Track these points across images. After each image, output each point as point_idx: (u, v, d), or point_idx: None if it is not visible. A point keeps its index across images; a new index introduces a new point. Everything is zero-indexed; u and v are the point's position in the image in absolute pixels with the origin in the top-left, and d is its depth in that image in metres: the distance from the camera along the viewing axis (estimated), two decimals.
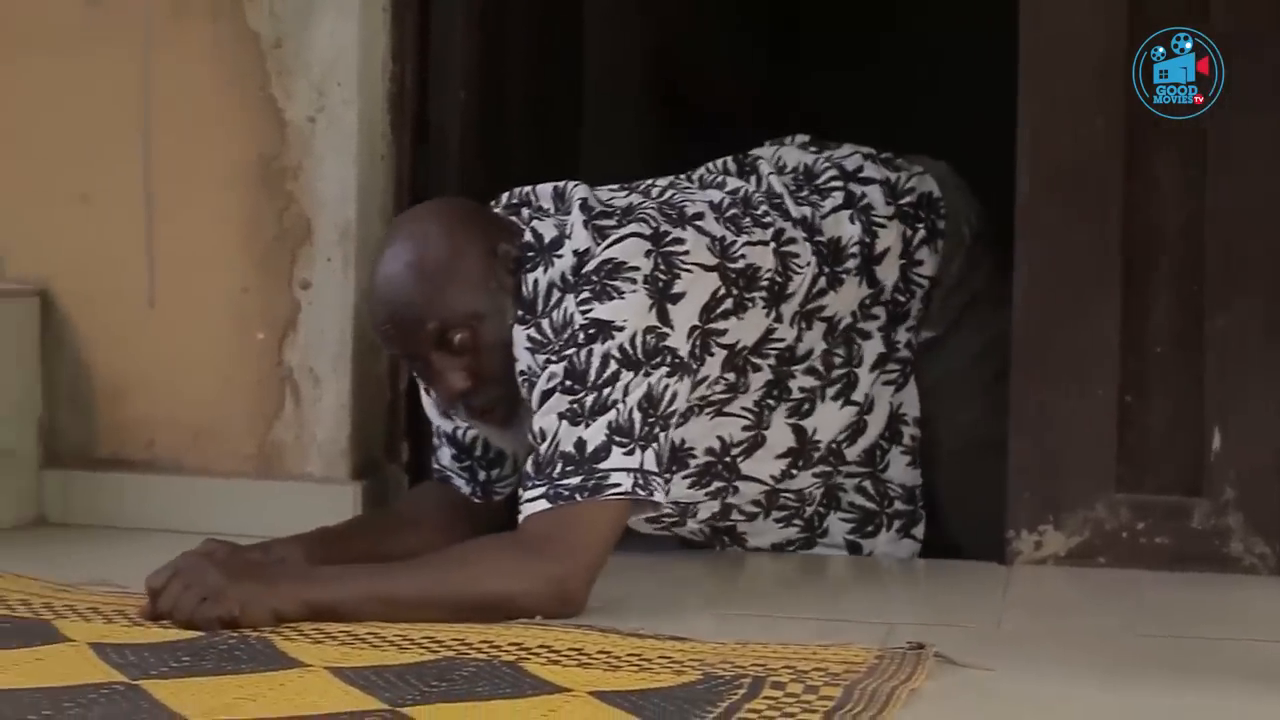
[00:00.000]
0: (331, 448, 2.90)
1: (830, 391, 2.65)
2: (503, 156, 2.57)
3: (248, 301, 2.95)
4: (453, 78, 3.03)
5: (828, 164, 2.76)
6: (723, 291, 2.47)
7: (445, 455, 2.68)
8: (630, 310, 2.36)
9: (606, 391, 2.32)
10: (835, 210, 2.68)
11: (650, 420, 2.33)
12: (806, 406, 2.63)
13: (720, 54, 5.05)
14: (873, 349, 2.69)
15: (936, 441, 2.77)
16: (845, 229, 2.67)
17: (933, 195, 2.77)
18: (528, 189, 2.61)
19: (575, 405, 2.32)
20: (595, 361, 2.33)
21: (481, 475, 2.66)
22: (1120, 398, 2.65)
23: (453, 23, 3.03)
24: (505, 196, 2.62)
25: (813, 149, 2.83)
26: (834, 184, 2.72)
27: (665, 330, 2.38)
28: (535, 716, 1.78)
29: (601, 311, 2.36)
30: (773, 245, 2.56)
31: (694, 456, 2.54)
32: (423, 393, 2.68)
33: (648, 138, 4.36)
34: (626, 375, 2.33)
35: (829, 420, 2.65)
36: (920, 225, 2.73)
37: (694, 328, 2.42)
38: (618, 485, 2.29)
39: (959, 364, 2.79)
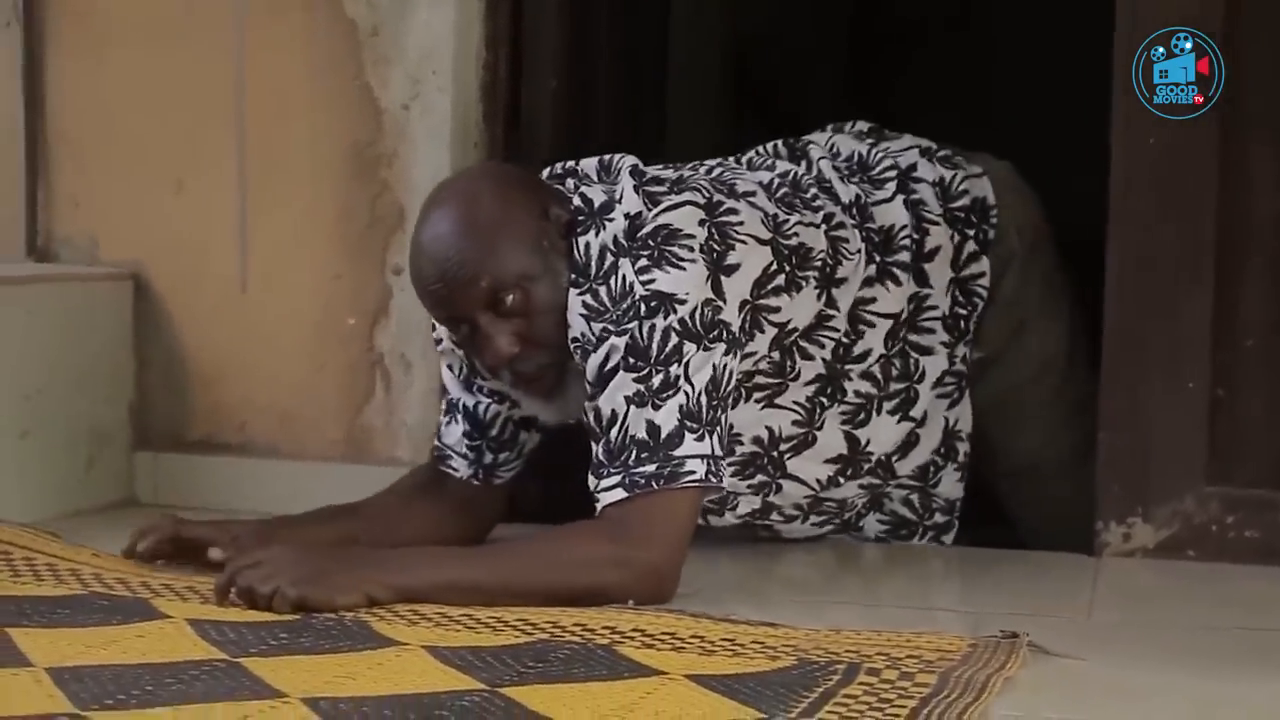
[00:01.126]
0: (420, 432, 2.91)
1: (888, 405, 2.63)
2: (591, 145, 2.58)
3: (339, 287, 2.97)
4: (544, 66, 3.04)
5: (883, 155, 2.74)
6: (774, 267, 2.44)
7: (454, 433, 2.62)
8: (692, 282, 2.32)
9: (672, 370, 2.29)
10: (888, 200, 2.66)
11: (714, 403, 2.32)
12: (862, 416, 2.61)
13: (800, 50, 5.05)
14: (935, 366, 2.67)
15: (992, 463, 2.77)
16: (897, 216, 2.64)
17: (986, 202, 2.73)
18: (572, 162, 2.58)
19: (642, 386, 2.29)
20: (657, 336, 2.29)
21: (488, 458, 2.62)
22: (1211, 391, 2.64)
23: (545, 12, 3.04)
24: (548, 169, 2.59)
25: (869, 139, 2.80)
26: (889, 175, 2.70)
27: (720, 304, 2.35)
28: (633, 698, 1.79)
29: (664, 283, 2.32)
30: (823, 228, 2.54)
31: (740, 444, 2.52)
32: (443, 367, 2.64)
33: (727, 131, 4.37)
34: (689, 349, 2.30)
35: (883, 434, 2.64)
36: (970, 234, 2.70)
37: (744, 302, 2.39)
38: (693, 473, 2.28)
39: (1013, 385, 2.76)
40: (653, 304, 2.31)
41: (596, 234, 2.39)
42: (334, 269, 2.97)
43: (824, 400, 2.57)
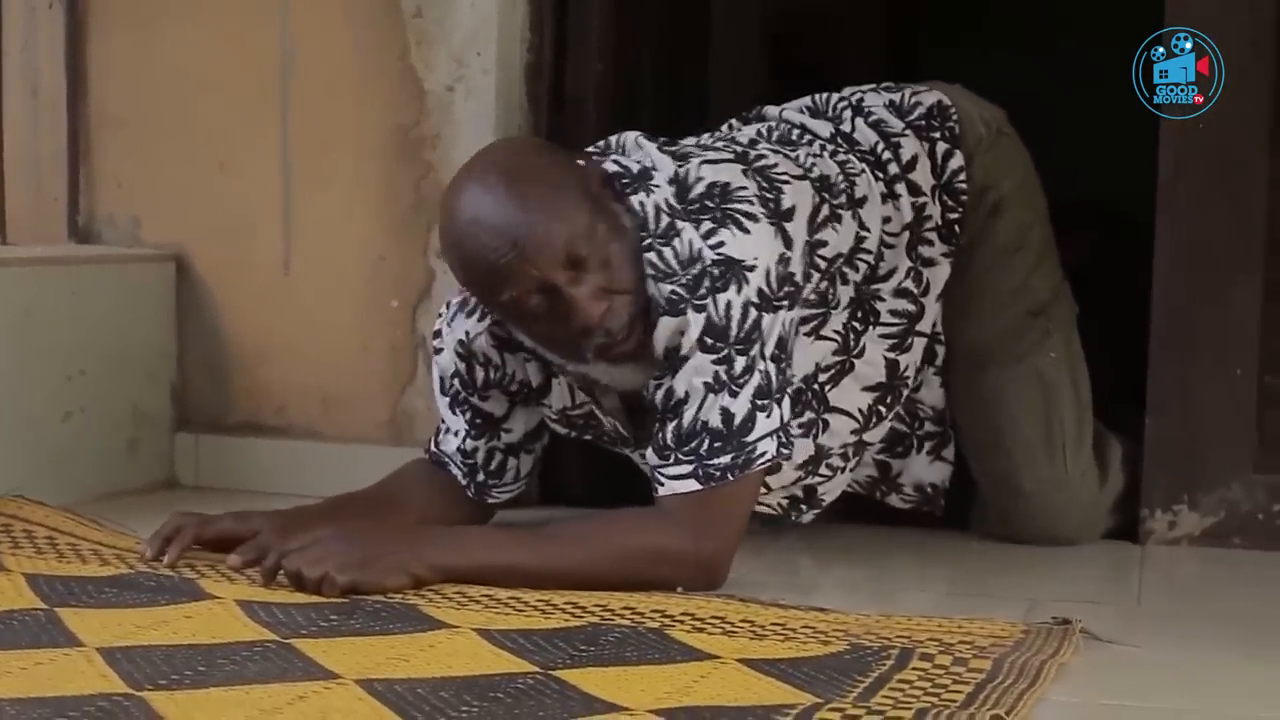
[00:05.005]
0: None
1: (918, 325, 2.59)
2: (635, 127, 2.56)
3: (383, 269, 2.97)
4: (588, 49, 3.03)
5: (830, 97, 2.71)
6: (818, 200, 2.42)
7: (450, 444, 2.59)
8: (760, 244, 2.28)
9: (752, 352, 2.25)
10: (854, 128, 2.63)
11: (783, 365, 2.29)
12: (909, 341, 2.57)
13: (843, 27, 5.04)
14: (938, 277, 2.62)
15: (947, 346, 2.67)
16: (868, 137, 2.61)
17: (941, 103, 2.67)
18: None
19: (721, 370, 2.24)
20: (735, 314, 2.25)
21: (480, 476, 2.59)
22: (1259, 379, 2.63)
23: None
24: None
25: (809, 99, 2.76)
26: (842, 107, 2.67)
27: (788, 254, 2.31)
28: (686, 681, 1.78)
29: (733, 247, 2.26)
30: (826, 154, 2.53)
31: (791, 383, 2.42)
32: (437, 392, 2.57)
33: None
34: (766, 321, 2.26)
35: (915, 354, 2.60)
36: (937, 136, 2.64)
37: (805, 243, 2.36)
38: (765, 454, 2.26)
39: (983, 269, 2.66)
40: (723, 271, 2.25)
41: (647, 195, 2.33)
42: (377, 250, 2.96)
43: (857, 324, 2.53)
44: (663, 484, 2.27)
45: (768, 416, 2.26)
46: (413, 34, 2.93)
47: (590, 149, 2.51)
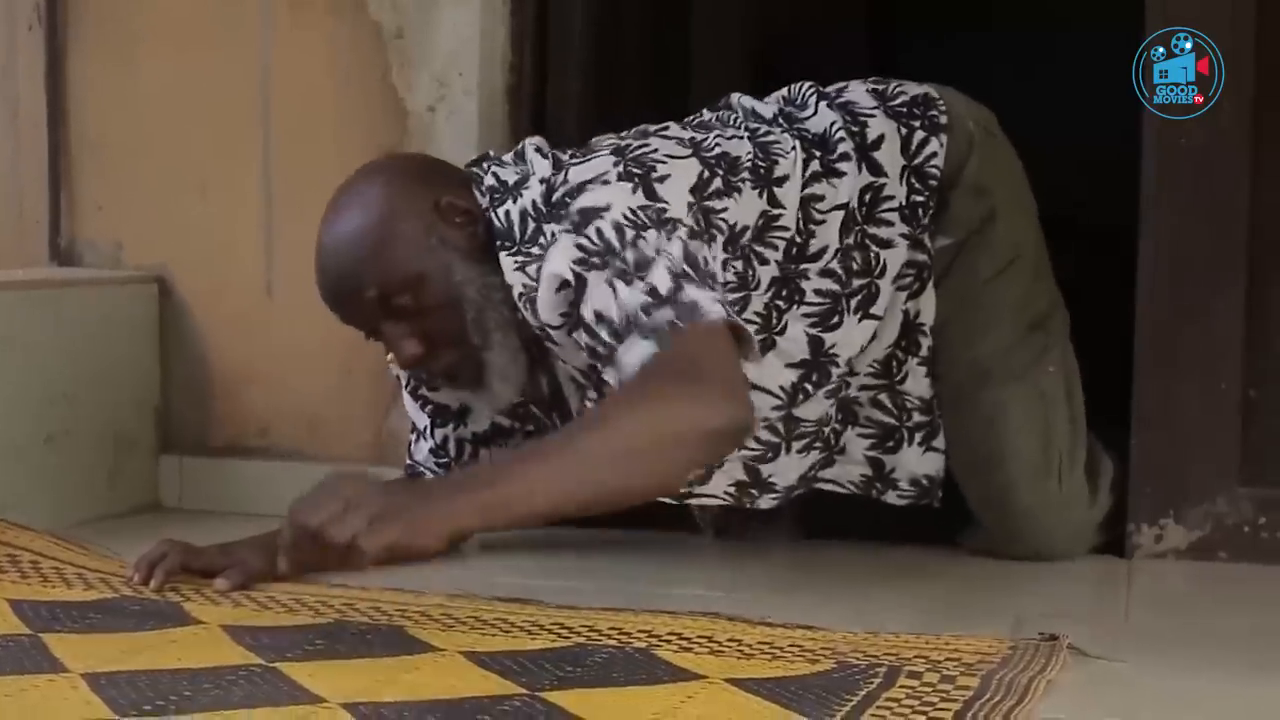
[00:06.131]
0: None
1: (852, 303, 2.53)
2: None
3: None
4: (569, 68, 3.04)
5: (805, 87, 2.68)
6: (707, 174, 2.38)
7: (422, 450, 2.62)
8: (613, 194, 2.29)
9: (642, 247, 2.22)
10: (814, 114, 2.60)
11: (705, 274, 2.24)
12: (834, 319, 2.51)
13: (825, 45, 5.04)
14: (895, 259, 2.56)
15: (945, 360, 2.63)
16: (825, 120, 2.58)
17: (928, 95, 2.63)
18: (489, 151, 2.59)
19: (618, 266, 2.22)
20: (610, 232, 2.24)
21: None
22: (1244, 392, 2.63)
23: (570, 14, 3.04)
24: (469, 161, 2.57)
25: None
26: (808, 95, 2.64)
27: (661, 205, 2.29)
28: (674, 702, 1.78)
29: (583, 201, 2.28)
30: (747, 136, 2.50)
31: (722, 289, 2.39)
32: (405, 394, 2.64)
33: None
34: (649, 233, 2.24)
35: (850, 336, 2.54)
36: (917, 122, 2.59)
37: (690, 204, 2.33)
38: (712, 312, 2.18)
39: (976, 279, 2.62)
40: (577, 221, 2.27)
41: (515, 201, 2.38)
42: None
43: (780, 303, 2.48)
44: (622, 370, 2.22)
45: (697, 287, 2.21)
46: (394, 55, 2.93)
47: (485, 158, 2.54)
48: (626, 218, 2.26)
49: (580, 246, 2.25)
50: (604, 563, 2.43)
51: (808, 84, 2.69)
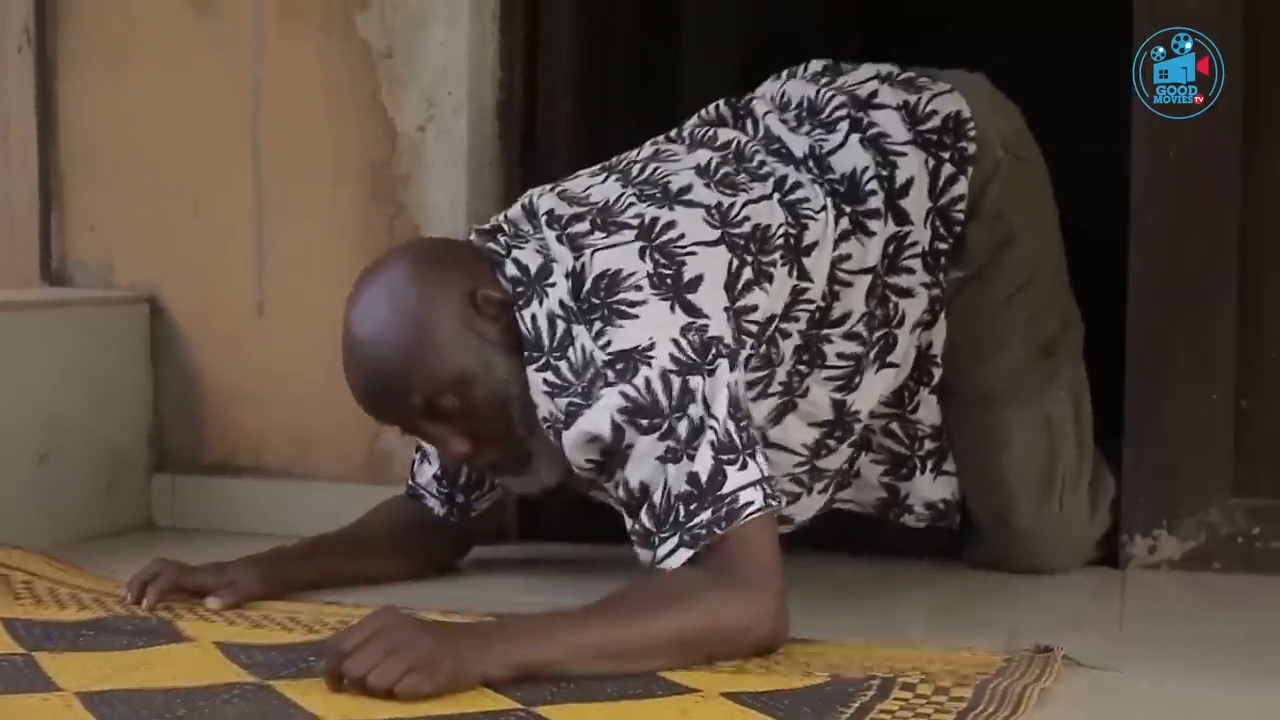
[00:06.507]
0: None
1: (871, 356, 2.47)
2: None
3: None
4: (560, 86, 3.03)
5: (835, 92, 2.56)
6: (737, 263, 2.25)
7: (425, 473, 2.57)
8: (652, 324, 2.14)
9: (691, 411, 2.09)
10: (843, 144, 2.48)
11: (742, 424, 2.11)
12: (856, 380, 2.45)
13: (813, 52, 5.05)
14: (915, 309, 2.50)
15: (952, 386, 2.60)
16: (856, 159, 2.46)
17: (960, 115, 2.53)
18: (500, 215, 2.42)
19: (670, 442, 2.09)
20: (657, 386, 2.10)
21: (460, 498, 2.56)
22: (1236, 401, 2.63)
23: (560, 32, 3.03)
24: (479, 227, 2.42)
25: (824, 78, 2.63)
26: (839, 114, 2.52)
27: (703, 322, 2.15)
28: (669, 716, 1.78)
29: (621, 340, 2.14)
30: (776, 197, 2.37)
31: (759, 440, 2.23)
32: None
33: None
34: (695, 383, 2.10)
35: (872, 390, 2.50)
36: (946, 156, 2.50)
37: (725, 308, 2.20)
38: (751, 504, 2.06)
39: (988, 302, 2.58)
40: (619, 367, 2.13)
41: (540, 303, 2.22)
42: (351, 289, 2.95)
43: (802, 368, 2.42)
44: (661, 569, 2.10)
45: (740, 469, 2.08)
46: (383, 74, 2.92)
47: (511, 215, 2.39)
48: (673, 360, 2.12)
49: (625, 395, 2.12)
50: (603, 580, 2.41)
51: (838, 98, 2.56)
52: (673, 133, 2.61)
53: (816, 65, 2.69)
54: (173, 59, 3.08)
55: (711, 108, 2.64)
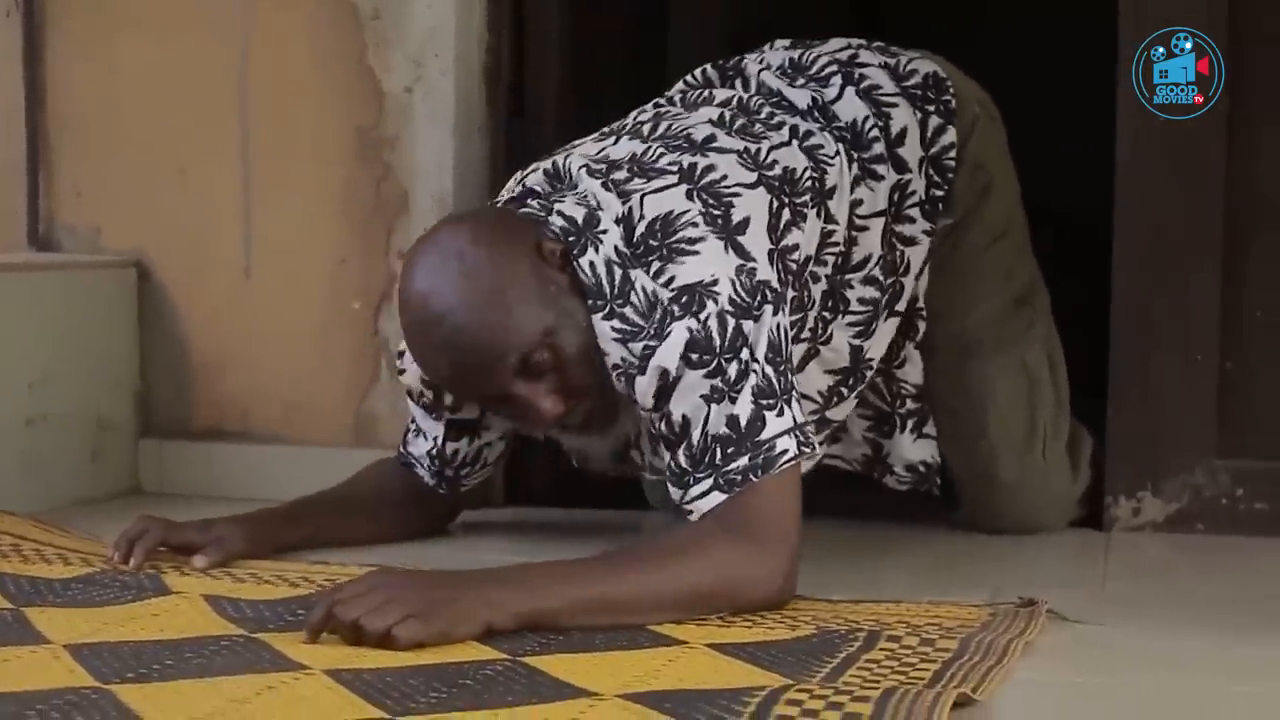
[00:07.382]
0: None
1: (884, 300, 2.52)
2: (596, 128, 2.56)
3: (344, 273, 2.97)
4: (548, 50, 3.03)
5: (817, 55, 2.61)
6: (776, 204, 2.27)
7: (420, 446, 2.55)
8: (712, 262, 2.15)
9: (742, 355, 2.11)
10: (839, 96, 2.52)
11: (781, 369, 2.14)
12: (873, 326, 2.50)
13: (807, 29, 5.06)
14: (918, 256, 2.55)
15: (934, 341, 2.63)
16: (855, 109, 2.51)
17: (938, 74, 2.59)
18: (515, 184, 2.41)
19: (717, 380, 2.10)
20: (714, 325, 2.11)
21: (450, 472, 2.56)
22: (1220, 364, 2.65)
23: None
24: (504, 195, 2.42)
25: (797, 48, 2.67)
26: (830, 69, 2.57)
27: (752, 265, 2.17)
28: (655, 665, 1.79)
29: (685, 275, 2.14)
30: (795, 143, 2.39)
31: (795, 386, 2.26)
32: (410, 402, 2.53)
33: None
34: (748, 327, 2.12)
35: (882, 338, 2.54)
36: (932, 109, 2.55)
37: (770, 251, 2.22)
38: (786, 452, 2.10)
39: (971, 250, 2.61)
40: (685, 300, 2.13)
41: (596, 250, 2.20)
42: (339, 253, 2.96)
43: (827, 314, 2.46)
44: (691, 511, 2.12)
45: (778, 415, 2.11)
46: (370, 36, 2.92)
47: (531, 183, 2.36)
48: (730, 301, 2.13)
49: (690, 330, 2.12)
50: (587, 543, 2.42)
51: (826, 55, 2.61)
52: (661, 99, 2.62)
53: (784, 42, 2.71)
54: (160, 24, 3.07)
55: (698, 72, 2.67)
